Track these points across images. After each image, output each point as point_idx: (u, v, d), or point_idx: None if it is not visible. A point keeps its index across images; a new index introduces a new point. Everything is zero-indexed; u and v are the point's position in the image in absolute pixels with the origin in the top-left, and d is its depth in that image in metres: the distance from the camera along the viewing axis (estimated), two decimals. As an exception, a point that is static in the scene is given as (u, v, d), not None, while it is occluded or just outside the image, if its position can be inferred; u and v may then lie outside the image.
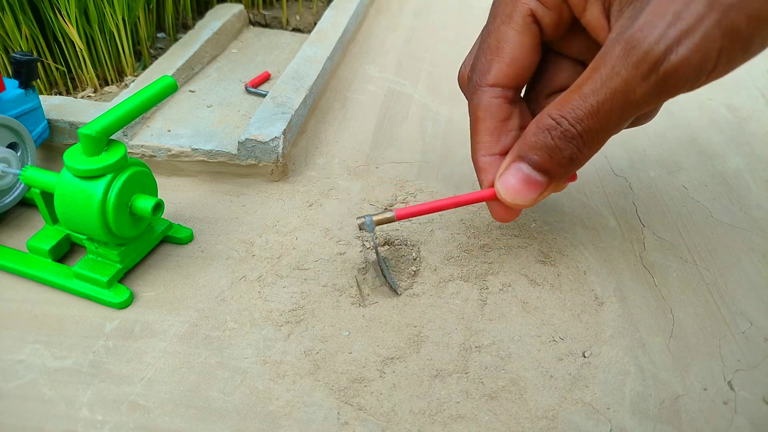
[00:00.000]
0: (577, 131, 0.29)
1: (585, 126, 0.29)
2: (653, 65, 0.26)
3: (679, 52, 0.25)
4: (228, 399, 0.31)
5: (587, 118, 0.28)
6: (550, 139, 0.30)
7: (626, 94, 0.27)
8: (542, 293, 0.38)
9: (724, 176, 0.51)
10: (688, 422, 0.31)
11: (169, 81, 0.36)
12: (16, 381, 0.32)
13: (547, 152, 0.30)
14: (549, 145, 0.30)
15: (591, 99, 0.28)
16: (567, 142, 0.29)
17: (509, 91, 0.34)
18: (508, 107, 0.34)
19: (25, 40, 0.54)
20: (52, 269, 0.38)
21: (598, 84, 0.27)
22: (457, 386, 0.32)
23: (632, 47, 0.26)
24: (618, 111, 0.28)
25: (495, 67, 0.33)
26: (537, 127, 0.30)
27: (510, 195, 0.32)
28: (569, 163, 0.30)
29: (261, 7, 0.76)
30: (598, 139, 0.29)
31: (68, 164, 0.33)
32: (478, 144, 0.35)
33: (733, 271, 0.41)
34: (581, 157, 0.30)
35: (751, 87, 0.65)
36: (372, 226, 0.36)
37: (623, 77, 0.26)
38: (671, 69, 0.26)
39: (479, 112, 0.34)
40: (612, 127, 0.29)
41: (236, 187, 0.47)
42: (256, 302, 0.37)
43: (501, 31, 0.33)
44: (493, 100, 0.34)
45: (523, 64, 0.33)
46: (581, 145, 0.29)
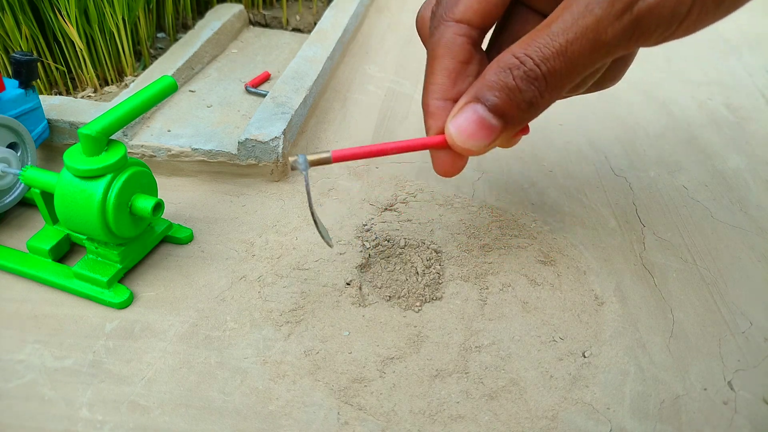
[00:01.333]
0: (541, 71, 0.27)
1: (550, 66, 0.27)
2: (628, 3, 0.25)
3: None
4: (228, 399, 0.31)
5: (554, 58, 0.27)
6: (512, 78, 0.28)
7: (597, 33, 0.26)
8: (542, 293, 0.38)
9: (724, 176, 0.51)
10: (688, 422, 0.31)
11: (169, 81, 0.36)
12: (16, 381, 0.32)
13: (506, 93, 0.28)
14: (509, 86, 0.28)
15: (560, 38, 0.26)
16: (529, 82, 0.28)
17: (475, 30, 0.32)
18: (470, 49, 0.32)
19: (25, 40, 0.54)
20: (52, 269, 0.38)
21: (568, 22, 0.26)
22: (457, 386, 0.32)
23: None
24: (587, 52, 0.26)
25: (464, 1, 0.31)
26: (498, 65, 0.28)
27: (461, 138, 0.30)
28: (528, 107, 0.29)
29: (261, 7, 0.76)
30: (562, 83, 0.28)
31: (68, 164, 0.33)
32: (432, 85, 0.33)
33: (733, 271, 0.41)
34: (542, 102, 0.28)
35: (751, 87, 0.65)
36: (305, 165, 0.32)
37: (596, 15, 0.25)
38: (645, 9, 0.25)
39: (440, 48, 0.32)
40: (579, 71, 0.27)
41: (236, 187, 0.47)
42: (256, 302, 0.37)
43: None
44: (456, 37, 0.32)
45: (493, 1, 0.31)
46: (543, 88, 0.28)
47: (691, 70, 0.68)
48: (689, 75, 0.67)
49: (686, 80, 0.66)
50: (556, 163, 0.51)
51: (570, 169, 0.51)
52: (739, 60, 0.70)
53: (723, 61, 0.70)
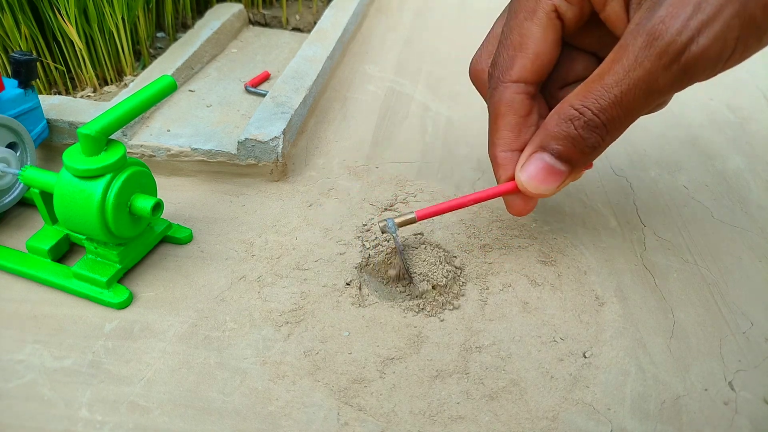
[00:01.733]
0: (600, 120, 0.29)
1: (609, 115, 0.29)
2: (675, 55, 0.26)
3: (699, 42, 0.26)
4: (227, 399, 0.31)
5: (611, 108, 0.29)
6: (573, 129, 0.30)
7: (649, 84, 0.28)
8: (543, 293, 0.38)
9: (725, 176, 0.51)
10: (689, 423, 0.31)
11: (168, 81, 0.36)
12: (16, 381, 0.32)
13: (570, 142, 0.31)
14: (572, 135, 0.30)
15: (614, 89, 0.28)
16: (590, 131, 0.30)
17: (531, 86, 0.34)
18: (529, 102, 0.34)
19: (24, 39, 0.54)
20: (52, 269, 0.37)
21: (620, 74, 0.28)
22: (457, 387, 0.32)
23: (654, 38, 0.27)
24: (641, 99, 0.28)
25: (519, 63, 0.33)
26: (559, 117, 0.30)
27: (532, 185, 0.33)
28: (592, 152, 0.31)
29: (261, 7, 0.76)
30: (621, 127, 0.30)
31: (67, 164, 0.33)
32: (498, 140, 0.35)
33: (733, 271, 0.41)
34: (603, 145, 0.31)
35: (752, 87, 0.65)
36: (395, 228, 0.36)
37: (646, 67, 0.27)
38: (692, 58, 0.26)
39: (502, 107, 0.34)
40: (634, 115, 0.29)
41: (236, 187, 0.47)
42: (255, 302, 0.37)
43: (524, 26, 0.33)
44: (516, 96, 0.34)
45: (546, 60, 0.33)
46: (604, 134, 0.30)
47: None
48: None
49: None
50: (556, 162, 0.51)
51: (570, 169, 0.51)
52: (739, 60, 0.70)
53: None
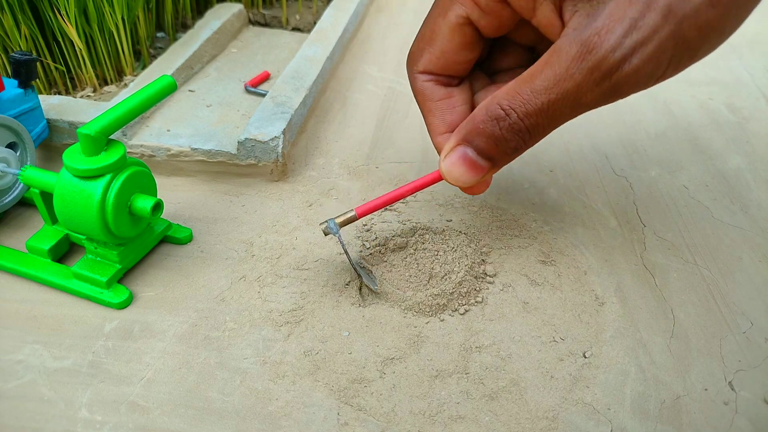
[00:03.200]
0: (525, 125, 0.29)
1: (533, 121, 0.29)
2: (607, 73, 0.26)
3: (632, 62, 0.26)
4: (227, 399, 0.31)
5: (536, 114, 0.29)
6: (498, 129, 0.30)
7: (577, 97, 0.27)
8: (543, 293, 0.38)
9: (725, 176, 0.51)
10: (689, 423, 0.31)
11: (168, 80, 0.36)
12: (15, 381, 0.32)
13: (493, 141, 0.30)
14: (496, 135, 0.30)
15: (542, 96, 0.28)
16: (514, 134, 0.30)
17: (442, 77, 0.35)
18: (442, 89, 0.35)
19: (24, 39, 0.54)
20: (52, 269, 0.37)
21: (550, 82, 0.28)
22: (457, 387, 0.32)
23: (588, 51, 0.26)
24: (567, 111, 0.28)
25: (425, 57, 0.34)
26: (486, 114, 0.30)
27: (453, 176, 0.33)
28: (513, 152, 0.31)
29: (261, 7, 0.76)
30: (543, 133, 0.30)
31: (67, 164, 0.33)
32: (428, 126, 0.36)
33: (733, 271, 0.41)
34: (525, 147, 0.31)
35: (752, 87, 0.65)
36: (336, 229, 0.36)
37: (576, 80, 0.27)
38: (623, 77, 0.26)
39: (416, 96, 0.36)
40: (557, 124, 0.29)
41: (236, 187, 0.47)
42: (255, 302, 0.37)
43: (436, 23, 0.33)
44: (425, 83, 0.35)
45: (453, 59, 0.34)
46: (527, 138, 0.30)
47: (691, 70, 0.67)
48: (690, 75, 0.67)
49: (687, 80, 0.66)
50: (556, 162, 0.51)
51: (570, 169, 0.51)
52: (739, 60, 0.70)
53: (724, 61, 0.70)
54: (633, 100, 0.62)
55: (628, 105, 0.61)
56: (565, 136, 0.55)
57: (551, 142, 0.54)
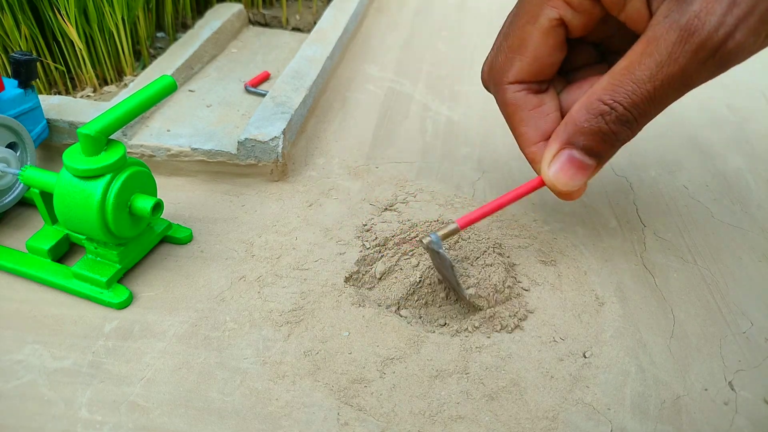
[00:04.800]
0: (632, 116, 0.29)
1: (640, 111, 0.29)
2: (712, 51, 0.26)
3: (736, 37, 0.26)
4: (227, 399, 0.31)
5: (643, 104, 0.29)
6: (604, 123, 0.30)
7: (683, 79, 0.28)
8: (543, 293, 0.38)
9: (725, 176, 0.51)
10: (689, 423, 0.31)
11: (168, 81, 0.36)
12: (15, 381, 0.32)
13: (600, 137, 0.30)
14: (603, 130, 0.30)
15: (647, 85, 0.28)
16: (622, 126, 0.30)
17: (533, 84, 0.34)
18: (534, 97, 0.34)
19: (24, 39, 0.54)
20: (52, 269, 0.37)
21: (653, 69, 0.28)
22: (457, 387, 0.32)
23: (690, 34, 0.26)
24: (673, 94, 0.28)
25: (516, 66, 0.34)
26: (588, 112, 0.30)
27: (561, 181, 0.32)
28: (620, 144, 0.31)
29: (261, 7, 0.76)
30: (649, 119, 0.30)
31: (67, 164, 0.33)
32: (519, 138, 0.35)
33: (733, 271, 0.41)
34: (632, 136, 0.31)
35: (752, 86, 0.65)
36: (440, 243, 0.35)
37: (681, 63, 0.27)
38: (728, 53, 0.27)
39: (507, 108, 0.35)
40: (663, 108, 0.29)
41: (236, 187, 0.47)
42: (255, 302, 0.37)
43: (525, 30, 0.33)
44: (516, 94, 0.34)
45: (546, 62, 0.33)
46: (635, 127, 0.30)
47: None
48: (690, 74, 0.67)
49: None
50: (556, 162, 0.51)
51: (570, 169, 0.51)
52: (739, 59, 0.70)
53: (723, 60, 0.70)
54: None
55: (628, 105, 0.61)
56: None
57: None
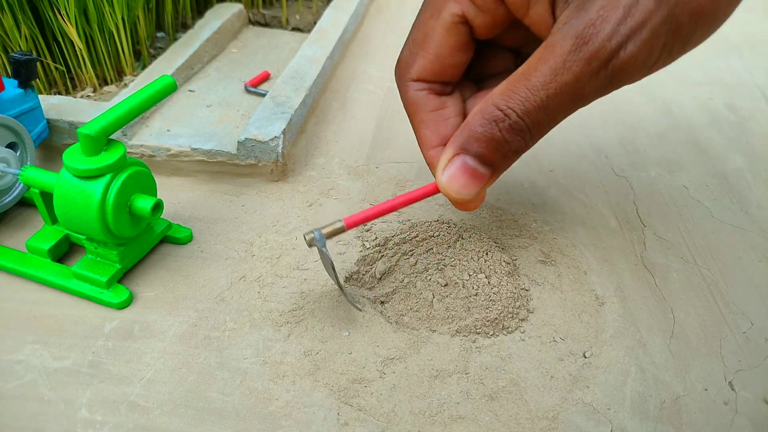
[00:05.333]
0: (525, 124, 0.28)
1: (533, 119, 0.28)
2: (604, 61, 0.26)
3: (628, 49, 0.26)
4: (227, 400, 0.31)
5: (536, 111, 0.28)
6: (497, 131, 0.29)
7: (576, 89, 0.27)
8: (543, 293, 0.38)
9: (725, 176, 0.51)
10: (689, 423, 0.31)
11: (168, 80, 0.36)
12: (15, 381, 0.32)
13: (494, 144, 0.29)
14: (496, 138, 0.29)
15: (540, 92, 0.27)
16: (514, 134, 0.29)
17: (436, 84, 0.33)
18: (436, 98, 0.33)
19: (24, 39, 0.54)
20: (52, 269, 0.37)
21: (547, 77, 0.27)
22: (457, 387, 0.32)
23: (584, 42, 0.26)
24: (567, 104, 0.28)
25: (418, 63, 0.33)
26: (482, 117, 0.29)
27: (455, 189, 0.31)
28: (514, 155, 0.30)
29: (261, 7, 0.76)
30: (544, 131, 0.29)
31: (67, 164, 0.33)
32: (419, 139, 0.34)
33: (734, 271, 0.41)
34: (525, 148, 0.30)
35: (752, 86, 0.65)
36: (323, 240, 0.33)
37: (574, 72, 0.26)
38: (620, 65, 0.26)
39: (408, 107, 0.34)
40: (559, 119, 0.29)
41: (236, 187, 0.47)
42: (255, 302, 0.37)
43: (429, 25, 0.32)
44: (418, 93, 0.33)
45: (448, 62, 0.32)
46: (528, 138, 0.29)
47: (691, 69, 0.68)
48: (690, 75, 0.67)
49: (687, 80, 0.66)
50: (556, 162, 0.51)
51: (570, 169, 0.51)
52: (740, 59, 0.70)
53: (724, 60, 0.70)
54: (633, 99, 0.62)
55: (628, 105, 0.61)
56: (565, 136, 0.55)
57: (551, 141, 0.54)
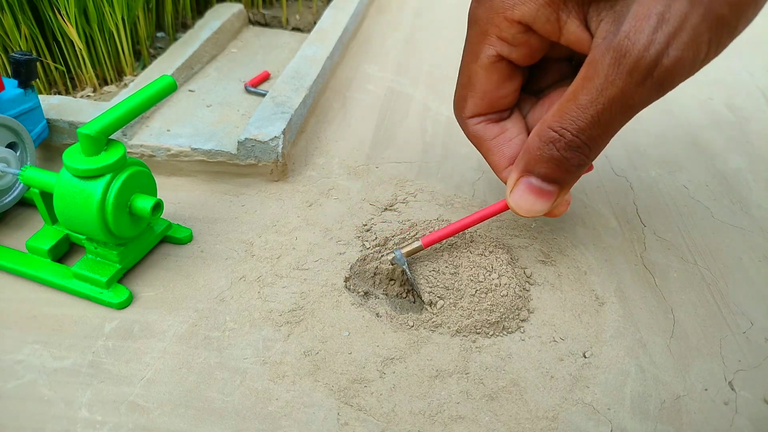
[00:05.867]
0: (581, 141, 0.29)
1: (588, 135, 0.29)
2: (647, 71, 0.26)
3: (670, 54, 0.26)
4: (227, 399, 0.31)
5: (589, 128, 0.29)
6: (555, 150, 0.30)
7: (624, 100, 0.27)
8: (543, 293, 0.38)
9: (725, 176, 0.51)
10: (689, 423, 0.31)
11: (168, 80, 0.36)
12: (15, 381, 0.32)
13: (554, 163, 0.30)
14: (555, 157, 0.30)
15: (590, 110, 0.28)
16: (572, 151, 0.30)
17: (491, 115, 0.35)
18: (495, 126, 0.36)
19: (24, 39, 0.54)
20: (52, 269, 0.37)
21: (594, 94, 0.27)
22: (457, 387, 0.32)
23: (622, 56, 0.26)
24: (618, 116, 0.28)
25: (470, 102, 0.35)
26: (540, 140, 0.30)
27: (523, 209, 0.33)
28: (577, 169, 0.31)
29: (260, 7, 0.76)
30: (603, 142, 0.30)
31: (67, 164, 0.33)
32: (492, 165, 0.36)
33: (733, 271, 0.41)
34: (588, 161, 0.31)
35: (752, 86, 0.65)
36: (403, 260, 0.36)
37: (618, 86, 0.27)
38: (665, 71, 0.26)
39: (472, 140, 0.37)
40: (614, 130, 0.29)
41: (236, 187, 0.47)
42: (255, 302, 0.37)
43: (470, 68, 0.34)
44: (477, 127, 0.36)
45: (495, 96, 0.34)
46: (587, 152, 0.30)
47: (691, 69, 0.68)
48: (690, 74, 0.67)
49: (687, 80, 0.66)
50: (556, 162, 0.51)
51: (570, 169, 0.51)
52: (740, 60, 0.70)
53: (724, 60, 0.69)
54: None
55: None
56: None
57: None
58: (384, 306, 0.37)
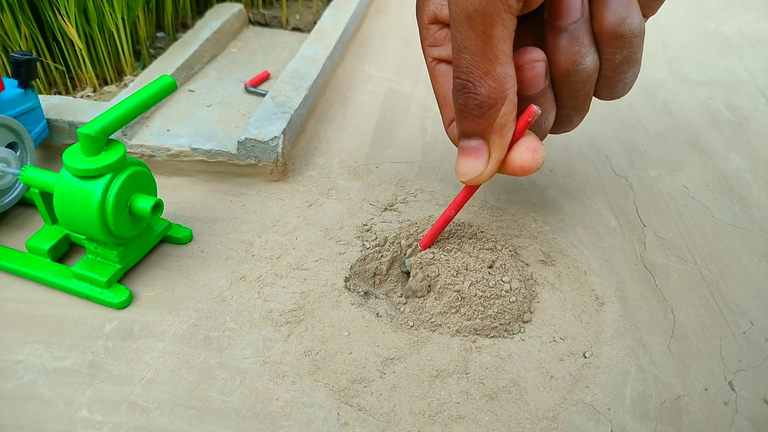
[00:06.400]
0: (462, 79, 0.29)
1: (463, 70, 0.29)
2: None
3: None
4: (227, 399, 0.31)
5: (459, 60, 0.29)
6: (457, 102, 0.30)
7: (466, 12, 0.27)
8: (543, 293, 0.38)
9: (725, 176, 0.51)
10: (689, 423, 0.31)
11: (168, 80, 0.36)
12: (15, 381, 0.32)
13: (460, 115, 0.30)
14: (459, 108, 0.30)
15: (454, 42, 0.28)
16: (462, 94, 0.30)
17: None
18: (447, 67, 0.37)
19: (24, 39, 0.54)
20: (51, 269, 0.37)
21: (451, 27, 0.28)
22: (457, 387, 0.32)
23: None
24: (470, 31, 0.28)
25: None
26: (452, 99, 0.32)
27: (461, 174, 0.33)
28: (480, 111, 0.30)
29: (261, 7, 0.76)
30: (482, 68, 0.29)
31: (67, 164, 0.33)
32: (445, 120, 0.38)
33: (734, 271, 0.41)
34: (480, 97, 0.29)
35: (752, 86, 0.65)
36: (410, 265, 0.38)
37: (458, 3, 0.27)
38: None
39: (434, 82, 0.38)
40: (484, 51, 0.28)
41: (236, 187, 0.47)
42: (255, 302, 0.37)
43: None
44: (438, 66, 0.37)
45: None
46: (472, 88, 0.29)
47: (691, 69, 0.68)
48: (690, 74, 0.67)
49: (687, 80, 0.66)
50: (556, 162, 0.51)
51: (570, 169, 0.51)
52: (739, 59, 0.70)
53: (724, 60, 0.70)
54: (633, 99, 0.62)
55: (628, 105, 0.61)
56: (565, 136, 0.55)
57: (551, 142, 0.54)
58: (384, 306, 0.37)
